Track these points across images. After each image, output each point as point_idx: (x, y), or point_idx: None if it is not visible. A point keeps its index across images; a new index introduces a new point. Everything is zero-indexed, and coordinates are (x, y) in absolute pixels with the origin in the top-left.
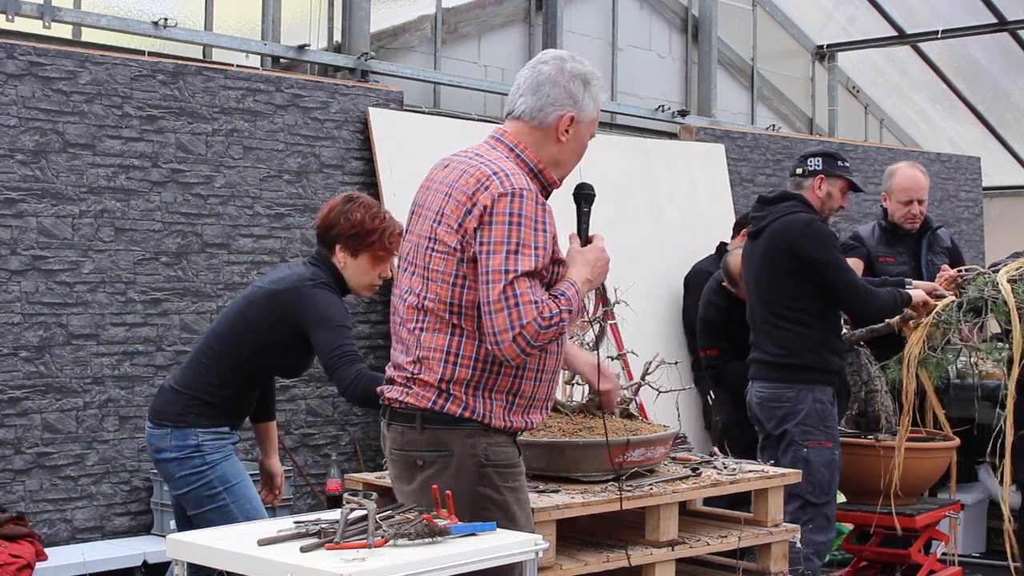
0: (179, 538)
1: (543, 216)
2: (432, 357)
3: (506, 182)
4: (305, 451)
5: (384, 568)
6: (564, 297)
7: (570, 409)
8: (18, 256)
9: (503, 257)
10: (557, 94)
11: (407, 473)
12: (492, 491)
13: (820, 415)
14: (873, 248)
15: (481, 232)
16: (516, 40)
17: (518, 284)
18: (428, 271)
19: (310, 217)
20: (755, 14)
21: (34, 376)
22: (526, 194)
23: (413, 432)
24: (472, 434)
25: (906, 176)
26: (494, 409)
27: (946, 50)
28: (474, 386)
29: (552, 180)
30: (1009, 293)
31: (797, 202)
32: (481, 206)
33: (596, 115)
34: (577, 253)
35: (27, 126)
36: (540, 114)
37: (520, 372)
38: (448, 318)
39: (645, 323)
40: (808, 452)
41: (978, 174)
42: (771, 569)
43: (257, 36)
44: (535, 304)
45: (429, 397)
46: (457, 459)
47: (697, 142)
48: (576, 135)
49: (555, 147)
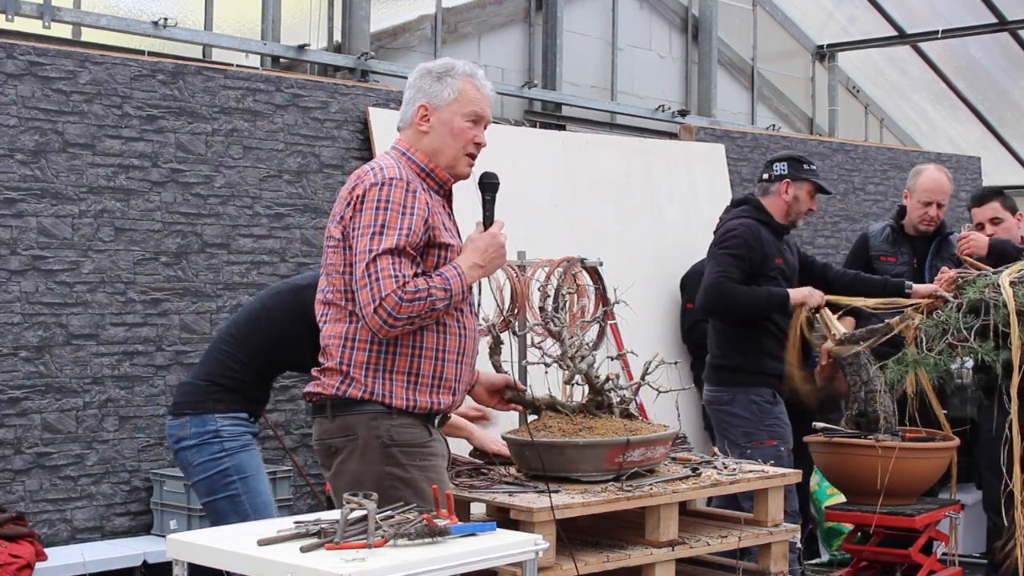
0: (179, 538)
1: (412, 202)
2: (332, 344)
3: (379, 173)
4: (305, 451)
5: (384, 568)
6: (440, 277)
7: (570, 409)
8: (18, 256)
9: (368, 238)
10: (411, 95)
11: (326, 460)
12: (399, 469)
13: (759, 414)
14: (876, 247)
15: (354, 219)
16: (516, 40)
17: (380, 260)
18: (326, 267)
19: (310, 217)
20: (755, 14)
21: (34, 376)
22: (395, 183)
23: (326, 421)
24: (376, 417)
25: (931, 178)
26: (394, 390)
27: (946, 50)
28: (373, 368)
29: (445, 178)
30: (1010, 296)
31: (749, 206)
32: (356, 196)
33: (460, 98)
34: (470, 240)
35: (27, 126)
36: (405, 115)
37: (418, 352)
38: (344, 306)
39: (645, 323)
40: (752, 452)
41: (978, 174)
42: (771, 569)
43: (257, 36)
44: (395, 279)
45: (333, 384)
46: (363, 441)
47: (697, 142)
48: (439, 121)
49: (424, 139)
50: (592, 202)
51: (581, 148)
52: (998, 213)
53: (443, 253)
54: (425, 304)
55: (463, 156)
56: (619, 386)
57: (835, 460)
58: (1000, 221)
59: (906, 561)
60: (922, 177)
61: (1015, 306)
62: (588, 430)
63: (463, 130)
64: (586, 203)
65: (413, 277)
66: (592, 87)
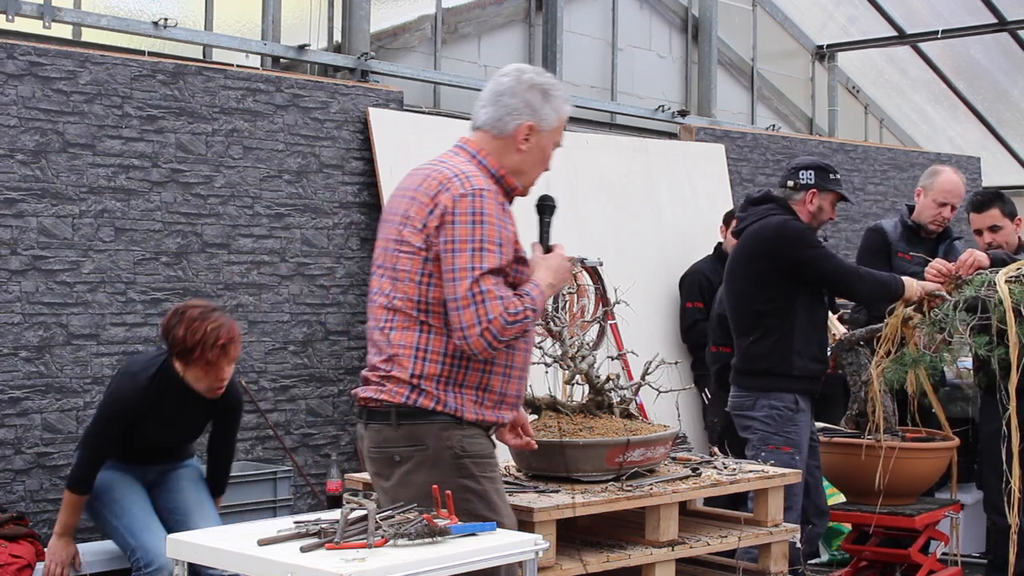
0: (179, 538)
1: (503, 215)
2: (402, 354)
3: (466, 183)
4: (305, 451)
5: (384, 568)
6: (528, 296)
7: (570, 409)
8: (18, 256)
9: (468, 255)
10: (515, 104)
11: (386, 470)
12: (471, 481)
13: (778, 420)
14: (895, 243)
15: (444, 231)
16: (516, 40)
17: (484, 281)
18: (396, 272)
19: (310, 217)
20: (755, 14)
21: (34, 376)
22: (486, 194)
23: (389, 429)
24: (446, 427)
25: (950, 180)
26: (465, 403)
27: (946, 50)
28: (444, 380)
29: (513, 186)
30: (1006, 294)
31: (776, 205)
32: (442, 206)
33: (559, 126)
34: (541, 259)
35: (27, 126)
36: (500, 123)
37: (488, 368)
38: (416, 315)
39: (645, 323)
40: (766, 456)
41: (978, 174)
42: (771, 569)
43: (257, 36)
44: (500, 300)
45: (402, 393)
46: (433, 452)
47: (697, 142)
48: (537, 144)
49: (516, 156)
50: (592, 202)
51: (581, 148)
52: (997, 221)
53: (521, 268)
54: (523, 325)
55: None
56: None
57: (835, 460)
58: (999, 228)
59: (906, 561)
60: (941, 178)
61: (1011, 304)
62: (588, 430)
63: (549, 157)
64: (586, 203)
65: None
66: (592, 87)
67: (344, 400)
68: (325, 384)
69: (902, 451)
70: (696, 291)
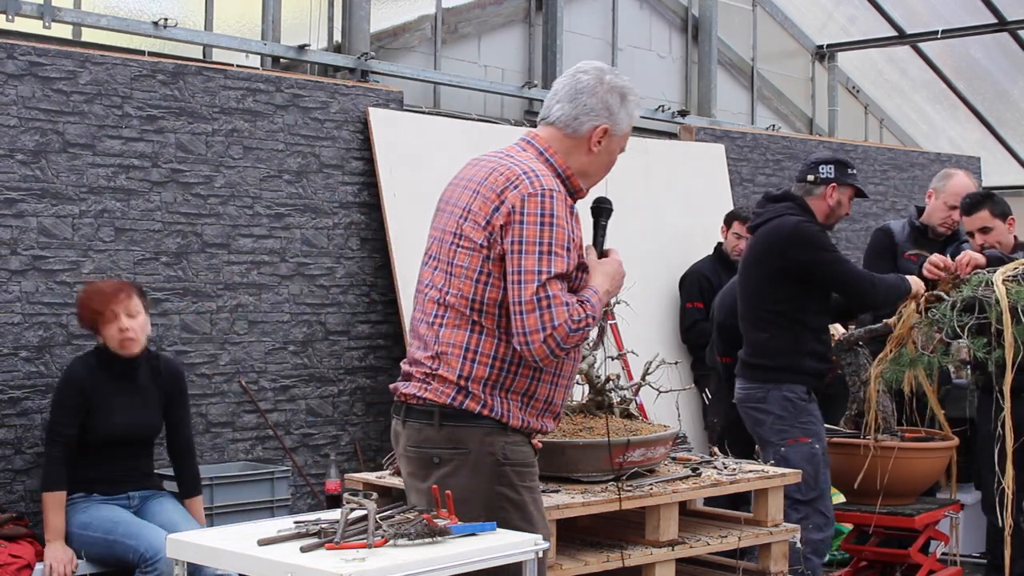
0: (179, 538)
1: (571, 218)
2: (451, 353)
3: (536, 182)
4: (305, 451)
5: (384, 568)
6: (589, 303)
7: (570, 409)
8: (18, 256)
9: (536, 258)
10: (594, 104)
11: (423, 471)
12: (510, 490)
13: (793, 411)
14: (901, 244)
15: (512, 231)
16: (516, 40)
17: (550, 286)
18: (452, 267)
19: (310, 217)
20: (755, 14)
21: (34, 376)
22: (556, 195)
23: (431, 429)
24: (491, 432)
25: (962, 183)
26: (511, 409)
27: (946, 50)
28: (492, 384)
29: (578, 187)
30: (1003, 294)
31: (794, 203)
32: (509, 204)
33: (628, 131)
34: (597, 264)
35: (27, 126)
36: (575, 122)
37: (537, 375)
38: (469, 314)
39: (645, 323)
40: (786, 450)
41: (978, 174)
42: (771, 569)
43: (257, 36)
44: (566, 306)
45: (448, 393)
46: (474, 457)
47: (697, 142)
48: (607, 147)
49: (585, 157)
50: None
51: None
52: (986, 222)
53: (580, 275)
54: (584, 333)
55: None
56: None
57: (835, 460)
58: (990, 230)
59: (905, 561)
60: (953, 180)
61: (1008, 303)
62: (588, 430)
63: (614, 162)
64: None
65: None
66: None
67: (344, 400)
68: (325, 384)
69: (901, 451)
70: (696, 291)
